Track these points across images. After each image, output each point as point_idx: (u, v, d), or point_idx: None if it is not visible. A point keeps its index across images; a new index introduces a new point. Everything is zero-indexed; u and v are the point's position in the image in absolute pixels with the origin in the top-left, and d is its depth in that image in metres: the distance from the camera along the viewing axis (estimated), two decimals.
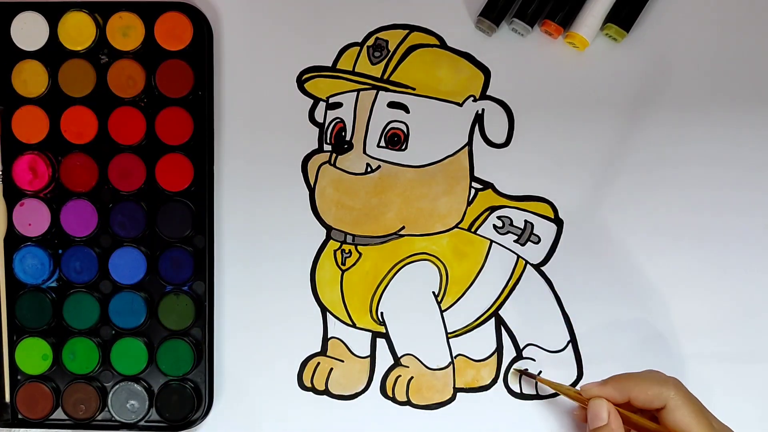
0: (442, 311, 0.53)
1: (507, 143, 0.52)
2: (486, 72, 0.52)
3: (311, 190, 0.53)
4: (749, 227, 0.51)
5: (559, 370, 0.52)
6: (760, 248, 0.51)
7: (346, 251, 0.53)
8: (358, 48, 0.53)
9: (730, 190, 0.51)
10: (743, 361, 0.51)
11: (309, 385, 0.53)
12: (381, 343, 0.53)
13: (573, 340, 0.52)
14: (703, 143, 0.51)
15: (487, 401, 0.52)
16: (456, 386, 0.52)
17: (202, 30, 0.52)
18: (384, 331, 0.53)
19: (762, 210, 0.51)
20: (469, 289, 0.53)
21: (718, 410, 0.50)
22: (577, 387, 0.48)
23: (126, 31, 0.51)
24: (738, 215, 0.51)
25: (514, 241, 0.52)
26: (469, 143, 0.52)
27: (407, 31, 0.52)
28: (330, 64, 0.53)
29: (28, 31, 0.52)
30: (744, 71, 0.51)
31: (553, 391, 0.52)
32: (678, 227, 0.51)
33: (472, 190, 0.52)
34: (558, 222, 0.52)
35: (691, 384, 0.47)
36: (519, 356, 0.52)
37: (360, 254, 0.53)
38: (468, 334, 0.53)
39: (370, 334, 0.53)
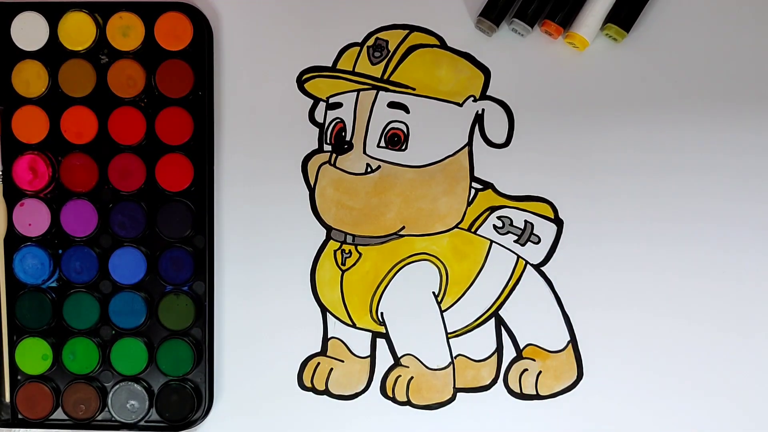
0: (442, 311, 0.53)
1: (507, 143, 0.52)
2: (486, 72, 0.52)
3: (311, 190, 0.53)
4: (750, 227, 0.51)
5: (559, 370, 0.52)
6: (761, 248, 0.51)
7: (346, 251, 0.53)
8: (358, 48, 0.53)
9: (731, 189, 0.51)
10: (744, 361, 0.51)
11: (309, 385, 0.53)
12: (381, 343, 0.53)
13: (573, 340, 0.52)
14: (703, 143, 0.51)
15: (487, 401, 0.52)
16: (456, 386, 0.52)
17: (202, 30, 0.52)
18: (384, 331, 0.53)
19: (764, 210, 0.51)
20: (469, 289, 0.53)
21: (718, 411, 0.51)
22: None
23: (126, 31, 0.51)
24: (739, 215, 0.51)
25: (514, 241, 0.52)
26: (469, 143, 0.52)
27: (407, 31, 0.52)
28: (330, 64, 0.53)
29: (28, 31, 0.52)
30: (744, 71, 0.51)
31: (554, 391, 0.52)
32: (678, 227, 0.51)
33: (472, 190, 0.52)
34: (558, 222, 0.52)
35: (691, 386, 0.47)
36: (519, 356, 0.52)
37: (360, 254, 0.53)
38: (468, 334, 0.53)
39: (370, 334, 0.53)
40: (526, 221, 0.52)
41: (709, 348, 0.51)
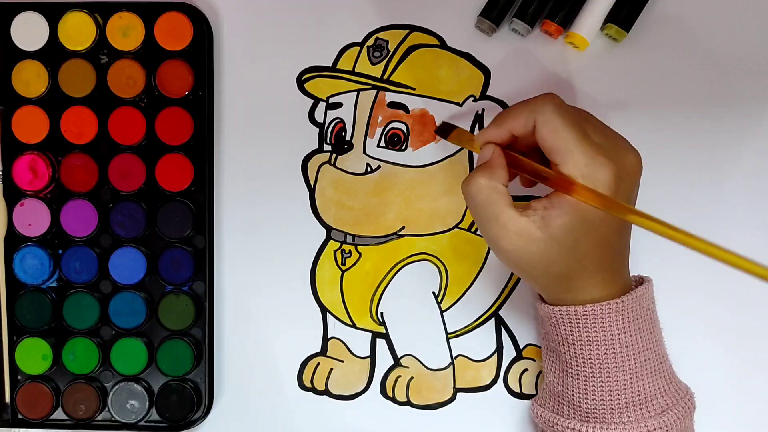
0: (442, 311, 0.53)
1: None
2: (486, 72, 0.52)
3: (311, 190, 0.53)
4: (750, 227, 0.51)
5: None
6: (761, 248, 0.51)
7: (346, 251, 0.53)
8: (358, 48, 0.53)
9: (731, 189, 0.51)
10: (745, 361, 0.51)
11: (309, 385, 0.53)
12: (381, 343, 0.53)
13: None
14: (702, 143, 0.51)
15: (487, 401, 0.52)
16: (456, 386, 0.52)
17: (202, 30, 0.52)
18: (384, 331, 0.53)
19: (763, 209, 0.51)
20: (469, 289, 0.53)
21: (719, 411, 0.51)
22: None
23: (126, 31, 0.51)
24: (739, 214, 0.51)
25: None
26: None
27: (407, 31, 0.52)
28: (330, 64, 0.53)
29: (28, 31, 0.52)
30: (744, 71, 0.51)
31: None
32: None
33: None
34: None
35: (691, 385, 0.47)
36: (519, 356, 0.52)
37: (360, 254, 0.53)
38: (468, 334, 0.53)
39: (370, 334, 0.53)
40: None
41: (709, 347, 0.51)
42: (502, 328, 0.52)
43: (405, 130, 0.52)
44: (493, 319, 0.52)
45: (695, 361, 0.50)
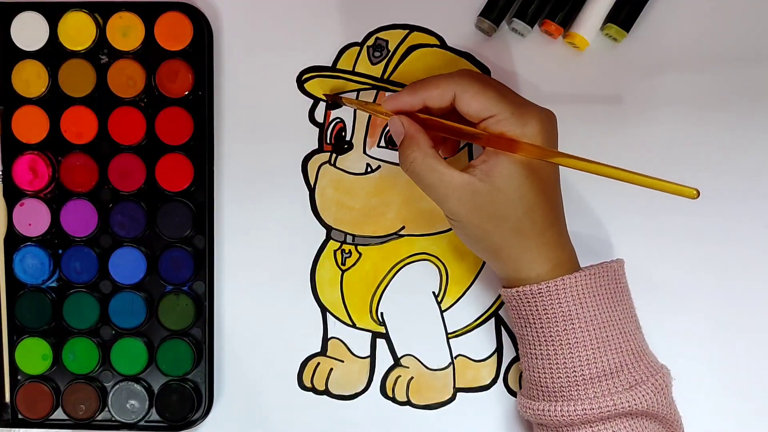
0: (442, 311, 0.53)
1: None
2: (486, 72, 0.52)
3: (311, 190, 0.53)
4: (749, 228, 0.51)
5: None
6: (760, 249, 0.51)
7: (346, 251, 0.53)
8: (358, 48, 0.53)
9: (730, 189, 0.51)
10: (746, 360, 0.51)
11: (309, 385, 0.53)
12: (381, 343, 0.53)
13: None
14: (702, 143, 0.51)
15: (487, 401, 0.52)
16: (456, 386, 0.52)
17: (202, 30, 0.52)
18: (384, 331, 0.53)
19: (762, 210, 0.51)
20: (469, 289, 0.53)
21: (715, 411, 0.51)
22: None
23: (126, 31, 0.51)
24: (738, 215, 0.51)
25: None
26: (470, 143, 0.52)
27: (407, 31, 0.52)
28: (330, 64, 0.53)
29: (28, 31, 0.52)
30: (743, 71, 0.51)
31: None
32: (677, 227, 0.51)
33: None
34: None
35: (691, 384, 0.47)
36: (519, 356, 0.52)
37: (360, 254, 0.53)
38: (468, 334, 0.53)
39: (370, 334, 0.53)
40: None
41: (710, 346, 0.51)
42: (502, 328, 0.52)
43: None
44: (493, 319, 0.52)
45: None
